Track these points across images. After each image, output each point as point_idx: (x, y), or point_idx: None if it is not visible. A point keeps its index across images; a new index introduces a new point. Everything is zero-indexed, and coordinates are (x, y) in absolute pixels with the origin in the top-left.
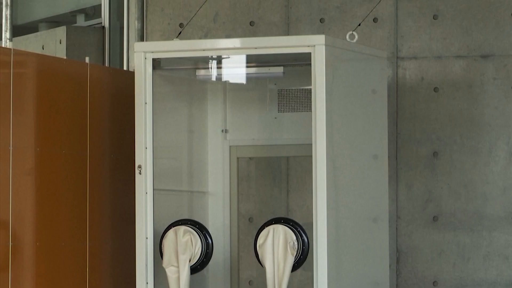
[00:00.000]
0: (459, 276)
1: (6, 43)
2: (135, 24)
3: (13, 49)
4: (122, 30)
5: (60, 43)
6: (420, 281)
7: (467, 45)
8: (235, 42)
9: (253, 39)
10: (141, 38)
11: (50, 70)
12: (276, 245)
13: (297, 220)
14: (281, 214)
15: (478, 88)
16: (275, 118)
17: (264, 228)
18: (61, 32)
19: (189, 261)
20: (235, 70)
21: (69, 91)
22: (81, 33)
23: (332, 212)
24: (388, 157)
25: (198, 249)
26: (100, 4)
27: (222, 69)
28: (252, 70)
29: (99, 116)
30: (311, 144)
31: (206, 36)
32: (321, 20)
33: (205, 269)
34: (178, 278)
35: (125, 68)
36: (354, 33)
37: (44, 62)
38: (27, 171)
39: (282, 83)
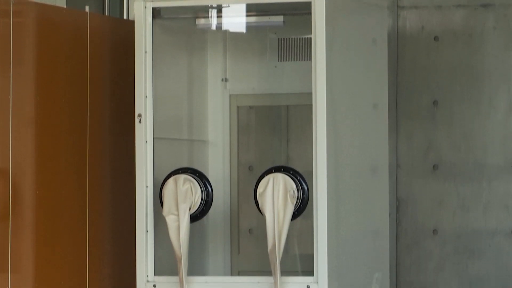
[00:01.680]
0: (459, 225)
1: None
2: None
3: None
4: None
5: None
6: (419, 230)
7: None
8: None
9: None
10: None
11: (50, 19)
12: (276, 194)
13: (297, 169)
14: (281, 163)
15: (478, 37)
16: (275, 67)
17: (264, 176)
18: None
19: (189, 209)
20: (235, 19)
21: (69, 40)
22: None
23: (332, 161)
24: (388, 107)
25: (198, 198)
26: None
27: (222, 18)
28: (252, 19)
29: (99, 65)
30: (311, 93)
31: None
32: None
33: (205, 217)
34: (178, 226)
35: (125, 17)
36: None
37: (44, 11)
38: (27, 120)
39: (282, 32)
